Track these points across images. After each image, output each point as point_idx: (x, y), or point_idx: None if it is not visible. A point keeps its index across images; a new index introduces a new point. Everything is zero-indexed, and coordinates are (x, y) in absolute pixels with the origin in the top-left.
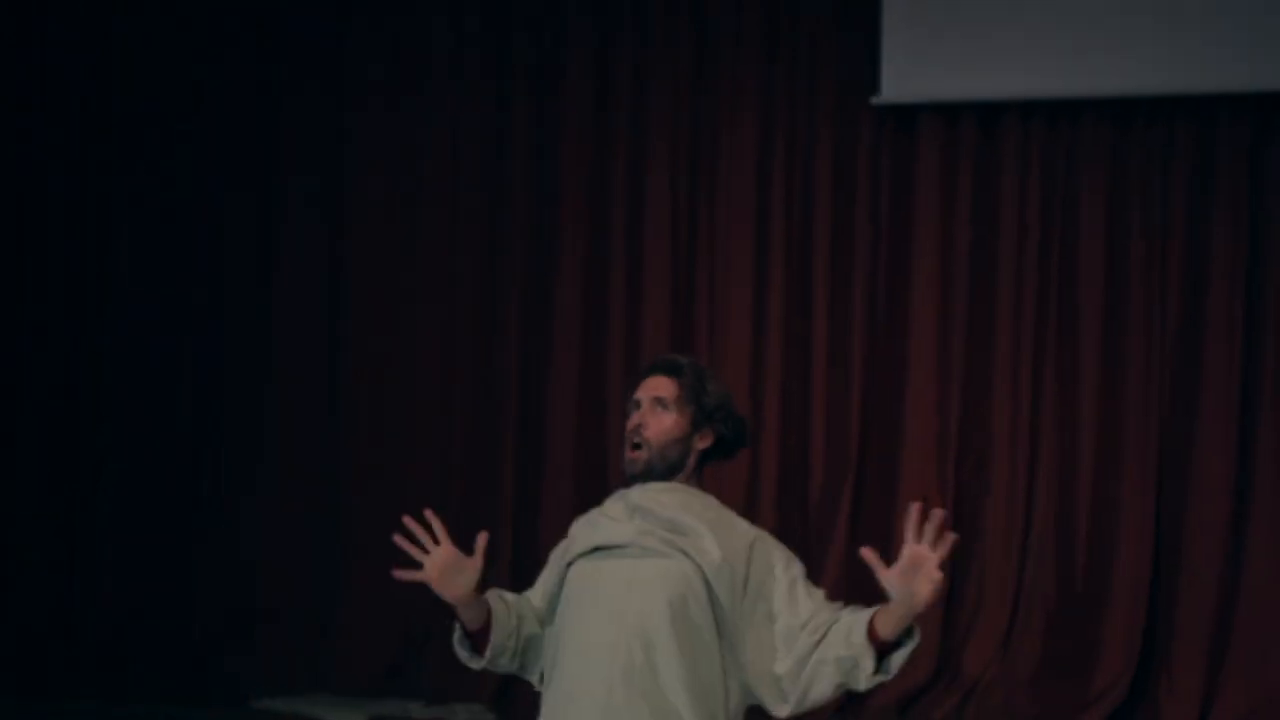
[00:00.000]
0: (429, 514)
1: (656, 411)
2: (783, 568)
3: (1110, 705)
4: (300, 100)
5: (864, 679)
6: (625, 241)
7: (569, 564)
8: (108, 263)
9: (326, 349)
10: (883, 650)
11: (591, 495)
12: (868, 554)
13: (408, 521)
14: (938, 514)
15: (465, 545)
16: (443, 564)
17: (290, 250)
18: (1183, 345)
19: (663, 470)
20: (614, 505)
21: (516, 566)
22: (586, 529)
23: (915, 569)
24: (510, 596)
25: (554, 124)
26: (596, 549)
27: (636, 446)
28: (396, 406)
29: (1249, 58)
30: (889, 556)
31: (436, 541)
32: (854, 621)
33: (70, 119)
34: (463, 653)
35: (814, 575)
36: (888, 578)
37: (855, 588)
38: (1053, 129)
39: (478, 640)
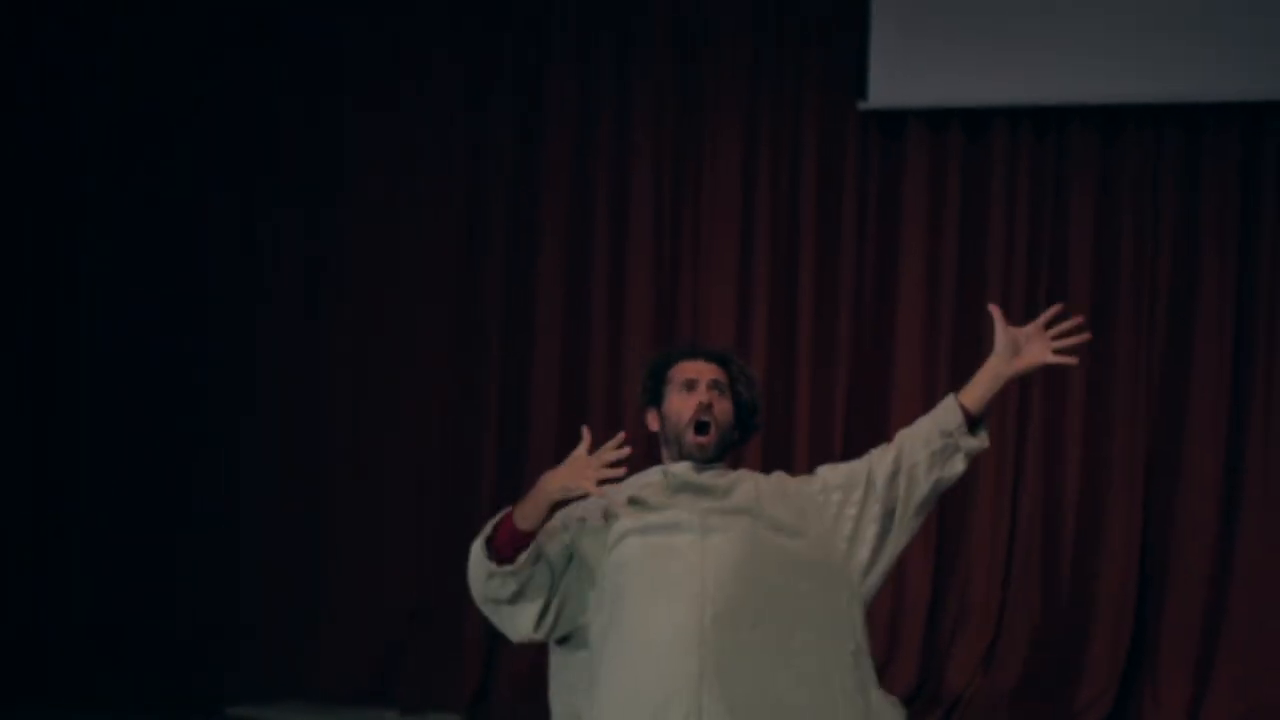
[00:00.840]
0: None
1: (715, 394)
2: (813, 475)
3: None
4: (299, 100)
5: (961, 461)
6: (609, 243)
7: (610, 548)
8: (102, 262)
9: (315, 351)
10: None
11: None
12: (995, 309)
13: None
14: (1076, 320)
15: (462, 543)
16: (584, 459)
17: (289, 250)
18: (1172, 351)
19: (720, 454)
20: (652, 480)
21: None
22: (629, 510)
23: (1037, 338)
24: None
25: (537, 125)
26: (646, 529)
27: (705, 426)
28: (381, 412)
29: (1237, 66)
30: None
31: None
32: (938, 415)
33: (69, 119)
34: (488, 560)
35: None
36: (1008, 330)
37: None
38: (1040, 135)
39: (516, 547)
